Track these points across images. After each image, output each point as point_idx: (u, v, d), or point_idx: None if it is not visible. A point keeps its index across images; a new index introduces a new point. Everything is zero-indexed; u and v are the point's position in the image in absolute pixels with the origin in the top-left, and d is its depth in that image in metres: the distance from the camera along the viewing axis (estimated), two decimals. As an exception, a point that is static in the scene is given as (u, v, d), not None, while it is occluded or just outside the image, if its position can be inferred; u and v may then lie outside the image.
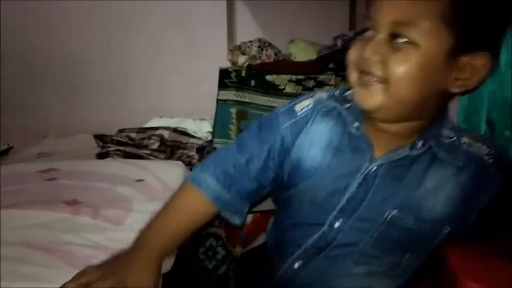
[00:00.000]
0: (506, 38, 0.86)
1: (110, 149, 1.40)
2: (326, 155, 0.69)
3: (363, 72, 0.61)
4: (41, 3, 1.84)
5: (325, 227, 0.69)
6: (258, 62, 1.47)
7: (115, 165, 1.18)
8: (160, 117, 1.76)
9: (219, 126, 1.47)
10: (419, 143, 0.65)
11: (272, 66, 1.45)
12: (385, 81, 0.59)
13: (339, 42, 1.49)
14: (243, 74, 1.43)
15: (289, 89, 1.40)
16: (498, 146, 0.70)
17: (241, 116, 1.46)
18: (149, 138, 1.46)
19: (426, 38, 0.57)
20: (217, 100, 1.48)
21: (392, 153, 0.66)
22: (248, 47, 1.50)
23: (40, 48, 1.91)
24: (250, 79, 1.43)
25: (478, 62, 0.60)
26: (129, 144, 1.45)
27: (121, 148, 1.40)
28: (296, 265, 0.72)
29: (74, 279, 0.61)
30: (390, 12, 0.59)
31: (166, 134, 1.51)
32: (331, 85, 1.38)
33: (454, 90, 0.62)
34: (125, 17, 1.84)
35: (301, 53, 1.52)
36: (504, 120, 0.86)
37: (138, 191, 1.02)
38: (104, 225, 0.85)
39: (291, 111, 0.73)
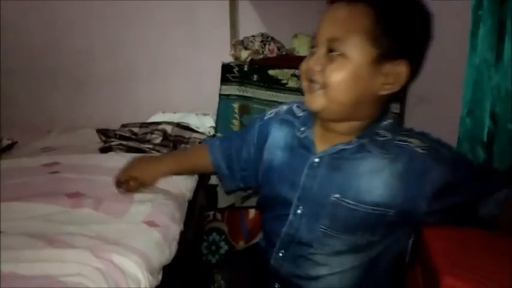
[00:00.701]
0: (508, 34, 0.86)
1: (112, 143, 1.40)
2: (285, 154, 0.86)
3: (310, 80, 0.76)
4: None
5: (291, 216, 0.83)
6: (261, 56, 1.46)
7: (117, 159, 1.18)
8: (163, 112, 1.76)
9: (222, 121, 1.47)
10: (355, 140, 0.78)
11: (275, 61, 1.44)
12: (325, 86, 0.74)
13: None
14: (246, 68, 1.43)
15: (292, 83, 1.39)
16: (435, 140, 0.79)
17: (244, 110, 1.45)
18: (152, 132, 1.46)
19: (354, 51, 0.72)
20: (220, 95, 1.47)
21: (331, 148, 0.80)
22: (251, 41, 1.49)
23: (44, 44, 1.91)
24: (253, 74, 1.42)
25: (399, 69, 0.74)
26: (132, 139, 1.45)
27: (124, 142, 1.40)
28: (280, 254, 0.85)
29: (124, 174, 1.00)
30: (326, 31, 0.74)
31: (169, 128, 1.51)
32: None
33: (383, 93, 0.75)
34: (129, 13, 1.84)
35: (305, 48, 1.51)
36: (508, 114, 0.86)
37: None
38: (105, 217, 0.85)
39: (262, 116, 0.97)
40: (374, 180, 0.76)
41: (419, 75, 1.28)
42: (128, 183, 0.99)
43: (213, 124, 1.61)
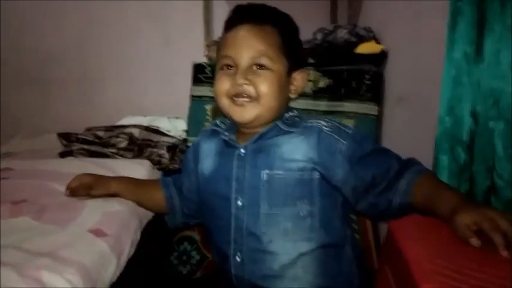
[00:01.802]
0: (488, 27, 0.81)
1: (73, 147, 1.32)
2: (216, 159, 0.94)
3: (236, 96, 0.85)
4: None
5: (233, 210, 0.88)
6: (234, 56, 1.40)
7: (75, 165, 1.10)
8: (133, 115, 1.69)
9: (194, 124, 1.41)
10: (270, 125, 0.89)
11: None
12: (255, 98, 0.84)
13: (319, 37, 1.43)
14: (218, 68, 1.36)
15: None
16: (338, 122, 0.90)
17: (217, 113, 1.38)
18: (117, 136, 1.39)
19: (275, 64, 0.85)
20: (191, 96, 1.41)
21: (251, 139, 0.89)
22: (224, 41, 1.42)
23: (11, 46, 1.83)
24: (226, 74, 1.36)
25: (301, 76, 0.92)
26: (95, 143, 1.37)
27: (85, 147, 1.32)
28: (237, 259, 0.88)
29: (75, 179, 0.95)
30: (248, 50, 0.84)
31: (136, 132, 1.44)
32: (311, 80, 1.31)
33: (291, 96, 0.92)
34: (98, 12, 1.77)
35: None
36: (489, 111, 0.80)
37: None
38: (46, 227, 0.77)
39: (194, 142, 1.05)
40: (294, 153, 0.85)
41: (397, 75, 1.25)
42: (76, 191, 0.94)
43: (185, 127, 1.54)
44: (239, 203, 0.87)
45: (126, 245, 0.83)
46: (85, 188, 0.94)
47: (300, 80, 0.92)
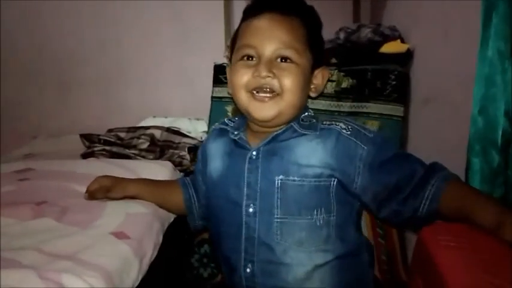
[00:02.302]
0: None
1: (95, 148, 1.32)
2: (224, 161, 0.88)
3: (257, 89, 0.79)
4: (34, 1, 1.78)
5: (244, 217, 0.81)
6: (255, 56, 1.38)
7: (97, 166, 1.10)
8: (154, 116, 1.70)
9: (214, 125, 1.40)
10: (284, 126, 0.83)
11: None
12: (278, 94, 0.79)
13: (342, 36, 1.39)
14: (239, 69, 1.35)
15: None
16: (358, 124, 0.84)
17: (238, 113, 1.37)
18: (139, 137, 1.39)
19: (301, 58, 0.80)
20: (212, 97, 1.40)
21: (263, 140, 0.83)
22: (245, 41, 1.41)
23: (33, 48, 1.86)
24: (247, 74, 1.34)
25: (322, 73, 0.87)
26: (117, 144, 1.37)
27: (107, 148, 1.33)
28: (248, 270, 0.81)
29: (94, 182, 0.92)
30: (273, 41, 0.79)
31: (158, 133, 1.44)
32: (334, 81, 1.28)
33: (311, 95, 0.88)
34: (119, 14, 1.78)
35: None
36: (526, 111, 0.76)
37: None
38: (67, 229, 0.76)
39: (203, 143, 1.00)
40: (310, 158, 0.80)
41: (424, 75, 1.21)
42: (95, 194, 0.92)
43: (206, 129, 1.53)
44: (250, 209, 0.81)
45: (149, 248, 0.82)
46: (104, 191, 0.92)
47: (321, 78, 0.87)
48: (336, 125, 0.82)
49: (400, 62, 1.25)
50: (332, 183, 0.79)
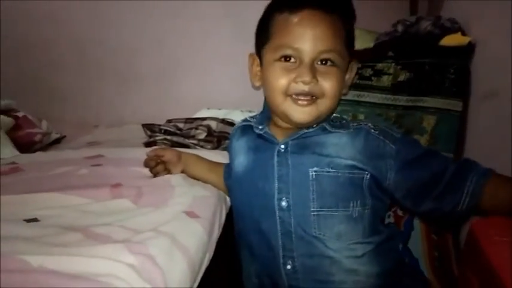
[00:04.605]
0: None
1: (157, 138, 1.39)
2: (249, 155, 0.87)
3: (298, 94, 0.77)
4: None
5: (278, 212, 0.79)
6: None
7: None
8: (209, 108, 1.74)
9: (267, 118, 1.42)
10: (315, 126, 0.82)
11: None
12: (320, 97, 0.78)
13: (400, 29, 1.38)
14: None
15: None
16: (385, 126, 0.83)
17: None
18: (196, 128, 1.44)
19: (341, 60, 0.79)
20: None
21: (293, 134, 0.82)
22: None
23: (93, 39, 1.95)
24: (301, 68, 1.35)
25: (353, 66, 0.86)
26: (177, 134, 1.43)
27: (168, 137, 1.38)
28: (288, 267, 0.79)
29: (152, 151, 1.01)
30: (316, 44, 0.76)
31: (213, 124, 1.48)
32: (390, 74, 1.27)
33: (344, 91, 0.86)
34: (174, 8, 1.83)
35: (357, 41, 1.42)
36: None
37: (182, 178, 0.99)
38: (144, 209, 0.82)
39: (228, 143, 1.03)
40: (341, 152, 0.79)
41: (485, 69, 1.18)
42: (154, 163, 1.01)
43: (258, 121, 1.56)
44: (283, 203, 0.78)
45: (216, 228, 0.86)
46: (163, 163, 1.00)
47: (350, 71, 0.86)
48: (365, 124, 0.81)
49: (461, 55, 1.23)
50: (365, 176, 0.78)
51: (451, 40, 1.25)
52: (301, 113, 0.78)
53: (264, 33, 0.83)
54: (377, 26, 1.48)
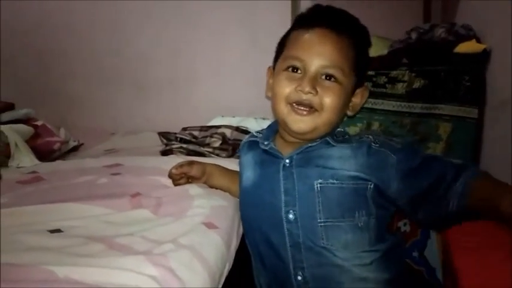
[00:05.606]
0: None
1: (173, 146, 1.40)
2: (256, 170, 0.90)
3: (297, 103, 0.81)
4: (110, 3, 1.91)
5: (285, 225, 0.82)
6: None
7: (178, 162, 1.16)
8: (223, 116, 1.75)
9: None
10: (318, 140, 0.85)
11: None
12: (317, 110, 0.81)
13: (414, 36, 1.38)
14: (308, 70, 1.37)
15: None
16: (385, 137, 0.87)
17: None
18: (211, 136, 1.45)
19: (345, 78, 0.82)
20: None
21: (297, 149, 0.85)
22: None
23: (109, 48, 1.99)
24: (316, 75, 1.36)
25: (362, 93, 0.89)
26: (192, 142, 1.45)
27: (184, 145, 1.40)
28: (299, 278, 0.81)
29: (175, 167, 1.00)
30: (321, 58, 0.80)
31: (228, 132, 1.49)
32: (405, 81, 1.27)
33: (349, 112, 0.90)
34: (189, 16, 1.86)
35: (371, 49, 1.42)
36: None
37: (200, 187, 1.00)
38: (164, 219, 0.83)
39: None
40: (344, 164, 0.81)
41: (501, 76, 1.18)
42: (179, 177, 1.01)
43: (272, 128, 1.57)
44: (290, 216, 0.81)
45: (234, 238, 0.87)
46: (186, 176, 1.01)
47: (360, 97, 0.89)
48: (366, 137, 0.84)
49: (476, 62, 1.22)
50: (369, 186, 0.81)
51: (465, 47, 1.24)
52: (298, 121, 0.82)
53: (280, 48, 0.91)
54: (390, 33, 1.48)
